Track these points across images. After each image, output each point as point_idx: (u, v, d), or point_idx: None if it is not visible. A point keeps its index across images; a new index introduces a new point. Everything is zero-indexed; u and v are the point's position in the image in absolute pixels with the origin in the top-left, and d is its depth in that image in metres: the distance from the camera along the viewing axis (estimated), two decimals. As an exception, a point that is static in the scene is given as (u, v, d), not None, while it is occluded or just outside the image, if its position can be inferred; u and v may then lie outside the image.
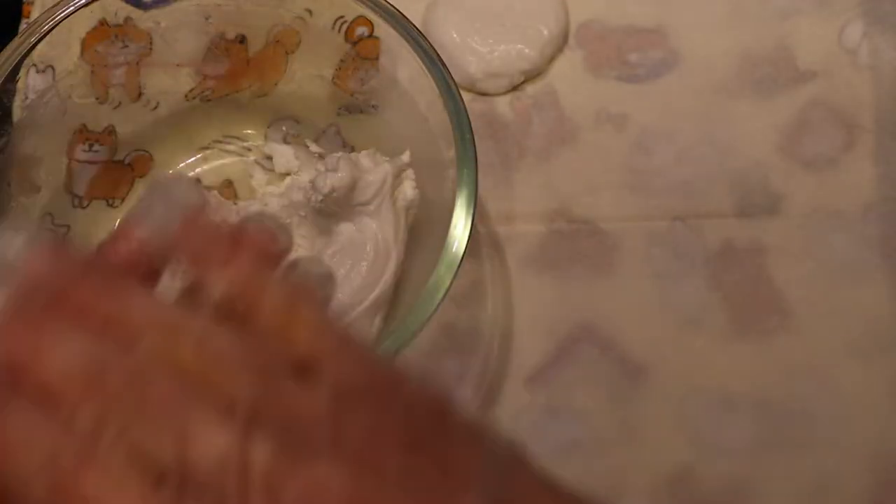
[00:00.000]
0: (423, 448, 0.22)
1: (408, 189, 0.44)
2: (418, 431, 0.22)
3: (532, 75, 0.50)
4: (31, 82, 0.44)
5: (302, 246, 0.45)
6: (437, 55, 0.41)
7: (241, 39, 0.48)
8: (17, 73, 0.42)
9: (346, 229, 0.43)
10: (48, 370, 0.21)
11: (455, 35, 0.50)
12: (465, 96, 0.41)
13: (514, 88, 0.51)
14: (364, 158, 0.44)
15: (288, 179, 0.47)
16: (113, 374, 0.21)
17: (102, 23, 0.45)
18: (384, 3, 0.42)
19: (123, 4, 0.45)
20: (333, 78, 0.48)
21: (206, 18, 0.46)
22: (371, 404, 0.22)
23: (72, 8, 0.42)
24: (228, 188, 0.49)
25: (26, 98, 0.44)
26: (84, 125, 0.47)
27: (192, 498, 0.20)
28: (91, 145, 0.47)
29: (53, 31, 0.42)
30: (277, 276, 0.23)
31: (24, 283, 0.22)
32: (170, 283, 0.32)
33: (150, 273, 0.24)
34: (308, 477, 0.20)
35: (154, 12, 0.46)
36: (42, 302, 0.22)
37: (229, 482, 0.20)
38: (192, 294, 0.23)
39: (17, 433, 0.20)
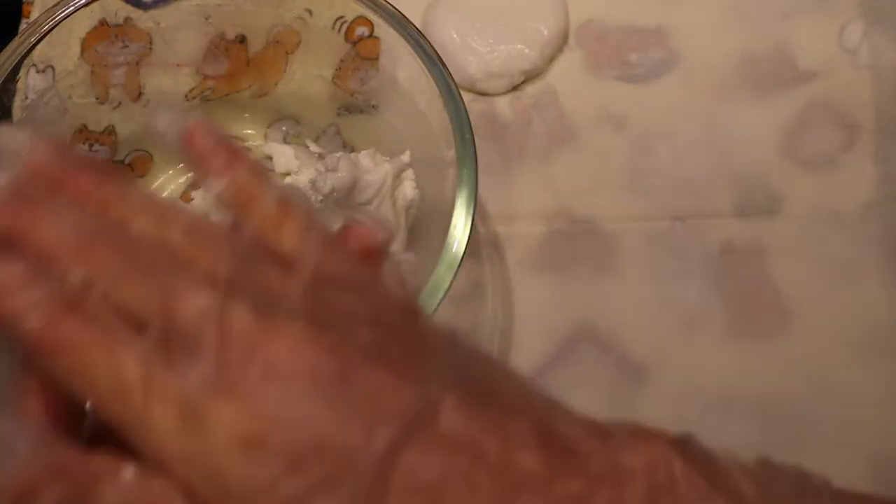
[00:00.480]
0: (393, 331, 0.23)
1: (408, 189, 0.44)
2: (390, 319, 0.24)
3: (532, 75, 0.50)
4: (31, 82, 0.44)
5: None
6: (437, 55, 0.41)
7: (241, 39, 0.48)
8: (17, 73, 0.42)
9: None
10: (44, 236, 0.22)
11: (455, 35, 0.50)
12: (465, 96, 0.41)
13: (514, 88, 0.51)
14: (364, 158, 0.44)
15: (288, 179, 0.47)
16: (105, 242, 0.23)
17: (102, 23, 0.45)
18: (384, 3, 0.42)
19: (123, 4, 0.45)
20: (333, 78, 0.48)
21: (206, 18, 0.46)
22: (347, 293, 0.23)
23: (72, 8, 0.42)
24: (228, 188, 0.49)
25: (26, 98, 0.44)
26: (84, 125, 0.47)
27: (174, 345, 0.21)
28: (91, 145, 0.47)
29: (53, 31, 0.42)
30: (272, 186, 0.25)
31: (25, 170, 0.24)
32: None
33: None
34: (283, 333, 0.21)
35: (154, 12, 0.45)
36: (42, 186, 0.24)
37: (209, 333, 0.21)
38: None
39: (11, 277, 0.22)
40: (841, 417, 0.44)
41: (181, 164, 0.49)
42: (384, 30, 0.43)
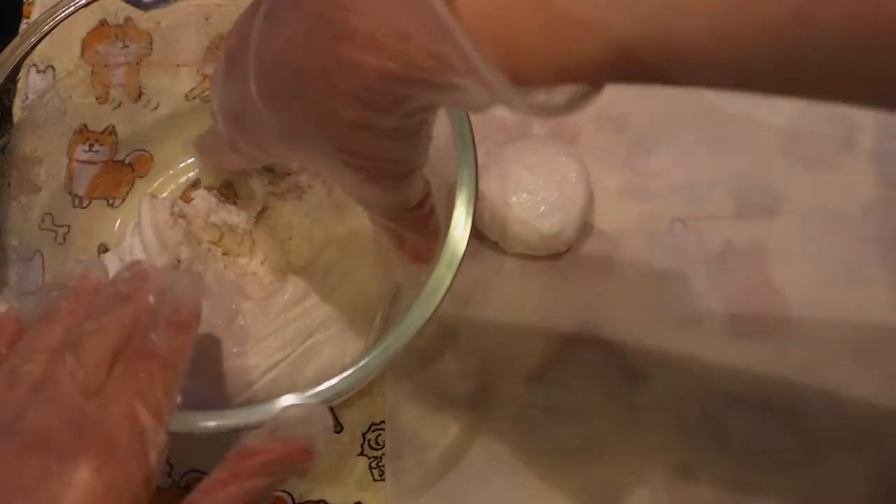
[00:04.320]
0: None
1: (408, 189, 0.44)
2: None
3: (532, 76, 0.50)
4: (31, 82, 0.44)
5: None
6: (438, 55, 0.41)
7: (242, 40, 0.48)
8: (18, 73, 0.42)
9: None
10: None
11: (455, 35, 0.50)
12: (466, 96, 0.41)
13: (514, 89, 0.50)
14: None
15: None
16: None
17: (102, 23, 0.45)
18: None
19: (123, 5, 0.45)
20: (333, 78, 0.48)
21: (206, 18, 0.46)
22: None
23: (72, 8, 0.42)
24: (228, 188, 0.49)
25: (27, 98, 0.44)
26: (84, 125, 0.47)
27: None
28: (91, 145, 0.47)
29: (54, 32, 0.42)
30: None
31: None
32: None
33: None
34: None
35: (154, 12, 0.46)
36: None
37: None
38: None
39: None
40: (841, 417, 0.44)
41: (182, 164, 0.49)
42: (384, 30, 0.42)
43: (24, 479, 0.27)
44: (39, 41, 0.42)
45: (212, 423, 0.36)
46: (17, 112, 0.43)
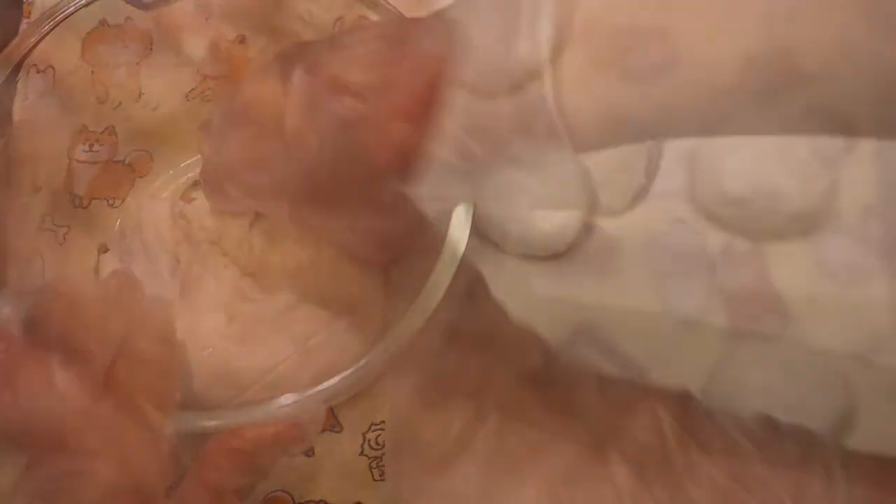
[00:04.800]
0: None
1: (408, 189, 0.44)
2: None
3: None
4: (31, 82, 0.44)
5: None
6: (437, 55, 0.41)
7: (241, 39, 0.48)
8: (18, 74, 0.42)
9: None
10: None
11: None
12: (466, 96, 0.41)
13: (515, 89, 0.50)
14: (364, 159, 0.44)
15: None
16: None
17: (102, 23, 0.45)
18: (384, 3, 0.42)
19: (123, 5, 0.45)
20: (334, 78, 0.48)
21: (206, 19, 0.47)
22: None
23: (72, 8, 0.42)
24: (228, 188, 0.49)
25: (27, 98, 0.44)
26: (84, 125, 0.47)
27: None
28: (91, 145, 0.47)
29: (54, 32, 0.42)
30: None
31: None
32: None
33: None
34: None
35: (154, 12, 0.46)
36: None
37: None
38: None
39: None
40: (841, 419, 0.44)
41: (182, 164, 0.49)
42: (384, 30, 0.43)
43: (51, 481, 0.27)
44: (39, 41, 0.42)
45: (212, 423, 0.36)
46: (17, 112, 0.43)
